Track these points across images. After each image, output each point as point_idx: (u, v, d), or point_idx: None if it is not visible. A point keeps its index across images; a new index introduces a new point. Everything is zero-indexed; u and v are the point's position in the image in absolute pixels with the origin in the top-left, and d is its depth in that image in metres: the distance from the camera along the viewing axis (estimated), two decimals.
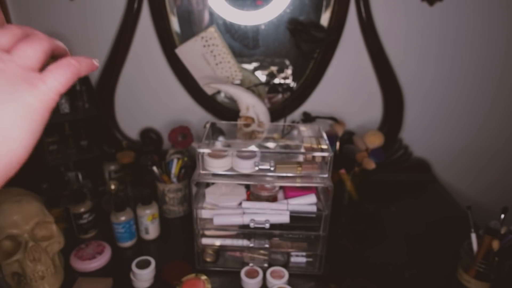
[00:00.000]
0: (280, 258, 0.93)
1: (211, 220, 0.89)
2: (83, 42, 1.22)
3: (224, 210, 0.89)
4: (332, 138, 1.23)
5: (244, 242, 0.90)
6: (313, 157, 0.85)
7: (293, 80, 1.29)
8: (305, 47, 1.17)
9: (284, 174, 0.84)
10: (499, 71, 1.28)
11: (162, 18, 1.17)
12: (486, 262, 0.83)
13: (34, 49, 0.33)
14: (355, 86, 1.30)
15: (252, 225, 0.86)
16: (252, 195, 0.92)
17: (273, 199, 0.92)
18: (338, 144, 1.25)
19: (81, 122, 1.20)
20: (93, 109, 1.20)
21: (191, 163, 1.10)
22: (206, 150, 0.84)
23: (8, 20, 1.16)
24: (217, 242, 0.91)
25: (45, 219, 0.83)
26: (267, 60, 1.26)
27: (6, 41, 0.33)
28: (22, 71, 0.32)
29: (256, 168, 0.83)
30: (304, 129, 1.00)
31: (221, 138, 1.01)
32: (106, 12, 1.18)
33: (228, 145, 0.99)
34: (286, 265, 0.92)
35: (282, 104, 1.30)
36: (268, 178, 0.84)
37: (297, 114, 1.33)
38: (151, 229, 1.01)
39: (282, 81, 1.29)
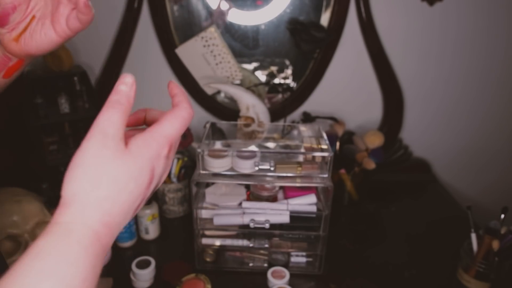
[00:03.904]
0: (280, 258, 0.93)
1: (211, 220, 0.89)
2: (83, 42, 1.22)
3: (224, 210, 0.89)
4: (332, 138, 1.23)
5: (244, 242, 0.90)
6: (313, 157, 0.85)
7: (293, 80, 1.29)
8: (305, 47, 1.17)
9: (284, 174, 0.84)
10: (498, 71, 1.28)
11: (162, 18, 1.17)
12: (486, 262, 0.83)
13: None
14: (355, 86, 1.30)
15: (252, 225, 0.86)
16: (252, 195, 0.92)
17: (273, 199, 0.92)
18: (338, 144, 1.25)
19: (81, 122, 1.20)
20: (93, 109, 1.19)
21: (191, 163, 1.10)
22: (206, 150, 0.84)
23: None
24: (217, 242, 0.91)
25: (45, 219, 0.83)
26: (267, 60, 1.26)
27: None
28: None
29: (256, 168, 0.83)
30: (304, 129, 1.00)
31: (219, 143, 1.01)
32: (106, 12, 1.18)
33: (228, 145, 0.99)
34: (286, 265, 0.92)
35: (282, 104, 1.30)
36: (268, 178, 0.84)
37: (297, 114, 1.33)
38: (151, 229, 1.01)
39: (282, 81, 1.29)
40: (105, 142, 0.34)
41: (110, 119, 0.34)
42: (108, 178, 0.33)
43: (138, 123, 0.44)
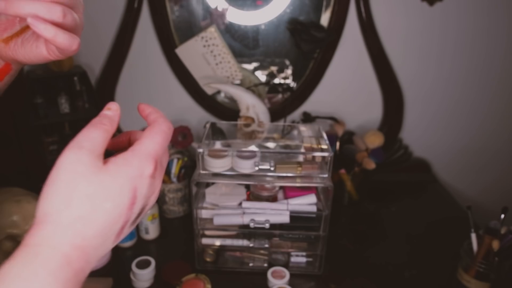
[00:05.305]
0: (280, 258, 0.93)
1: (211, 220, 0.89)
2: (83, 42, 1.21)
3: (224, 210, 0.89)
4: (332, 138, 1.23)
5: (244, 242, 0.90)
6: (313, 157, 0.85)
7: (293, 80, 1.29)
8: (305, 47, 1.17)
9: (284, 174, 0.84)
10: (499, 71, 1.28)
11: (162, 18, 1.17)
12: (486, 262, 0.83)
13: None
14: (355, 86, 1.30)
15: (252, 225, 0.86)
16: (252, 195, 0.92)
17: (273, 199, 0.92)
18: (338, 144, 1.25)
19: (81, 122, 1.20)
20: (93, 109, 1.20)
21: (191, 163, 1.10)
22: (206, 150, 0.84)
23: None
24: (217, 242, 0.91)
25: None
26: (267, 60, 1.26)
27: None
28: None
29: (256, 168, 0.83)
30: (304, 129, 1.00)
31: (219, 143, 1.01)
32: (106, 12, 1.18)
33: (228, 145, 0.99)
34: (286, 265, 0.92)
35: (282, 104, 1.30)
36: (268, 178, 0.84)
37: (297, 114, 1.33)
38: (151, 229, 1.01)
39: (282, 81, 1.29)
40: (80, 157, 0.31)
41: (89, 135, 0.33)
42: (81, 196, 0.31)
43: (121, 146, 0.41)
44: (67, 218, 0.30)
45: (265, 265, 0.92)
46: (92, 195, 0.31)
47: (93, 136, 0.33)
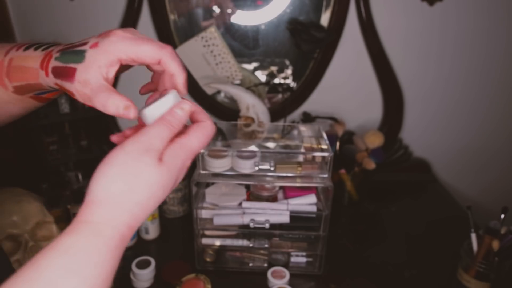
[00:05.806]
0: (280, 258, 0.93)
1: (211, 220, 0.89)
2: None
3: (224, 210, 0.89)
4: (332, 138, 1.23)
5: (244, 242, 0.90)
6: (313, 157, 0.85)
7: (293, 80, 1.29)
8: (305, 47, 1.17)
9: (284, 174, 0.84)
10: (498, 71, 1.28)
11: (162, 17, 1.17)
12: (486, 262, 0.83)
13: None
14: (355, 86, 1.30)
15: (252, 225, 0.87)
16: (252, 195, 0.92)
17: (273, 199, 0.92)
18: (338, 144, 1.25)
19: (81, 122, 1.20)
20: (93, 109, 1.19)
21: (191, 163, 1.10)
22: (206, 150, 0.84)
23: (8, 20, 1.16)
24: (217, 242, 0.91)
25: (45, 219, 0.83)
26: (267, 60, 1.26)
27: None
28: None
29: (256, 168, 0.83)
30: (304, 129, 1.00)
31: (219, 143, 1.01)
32: (106, 12, 1.18)
33: (228, 145, 0.99)
34: (286, 265, 0.92)
35: (282, 104, 1.30)
36: (268, 178, 0.84)
37: (297, 114, 1.33)
38: (151, 229, 1.01)
39: (282, 81, 1.29)
40: (148, 151, 0.35)
41: (160, 134, 0.37)
42: (144, 184, 0.35)
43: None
44: (129, 202, 0.34)
45: (265, 265, 0.92)
46: (152, 185, 0.35)
47: (164, 136, 0.37)
